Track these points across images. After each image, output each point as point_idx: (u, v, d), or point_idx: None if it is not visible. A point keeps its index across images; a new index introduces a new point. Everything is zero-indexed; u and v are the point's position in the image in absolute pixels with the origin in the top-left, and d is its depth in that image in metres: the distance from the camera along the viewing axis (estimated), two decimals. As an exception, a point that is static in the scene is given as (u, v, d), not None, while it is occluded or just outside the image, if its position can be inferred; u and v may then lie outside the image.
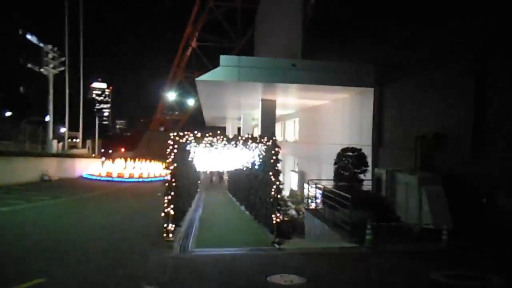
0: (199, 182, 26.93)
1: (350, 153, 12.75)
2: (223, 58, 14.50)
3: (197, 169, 17.43)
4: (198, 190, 25.45)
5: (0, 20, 73.08)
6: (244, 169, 14.43)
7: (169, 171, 9.14)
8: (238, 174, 17.32)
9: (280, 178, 9.63)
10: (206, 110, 26.36)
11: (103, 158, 41.39)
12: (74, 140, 44.68)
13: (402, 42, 13.92)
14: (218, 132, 9.31)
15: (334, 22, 19.64)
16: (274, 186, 9.31)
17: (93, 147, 45.53)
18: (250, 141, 9.41)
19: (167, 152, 9.09)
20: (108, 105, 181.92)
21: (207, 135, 9.25)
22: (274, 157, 9.38)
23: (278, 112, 21.41)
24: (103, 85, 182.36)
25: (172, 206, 8.97)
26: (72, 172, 34.02)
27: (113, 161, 40.77)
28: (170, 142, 9.08)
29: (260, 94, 18.16)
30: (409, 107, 13.50)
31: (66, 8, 40.79)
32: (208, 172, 29.79)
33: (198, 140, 9.23)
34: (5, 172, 24.45)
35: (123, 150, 68.97)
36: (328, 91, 17.07)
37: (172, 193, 9.07)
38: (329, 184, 13.15)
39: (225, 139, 9.28)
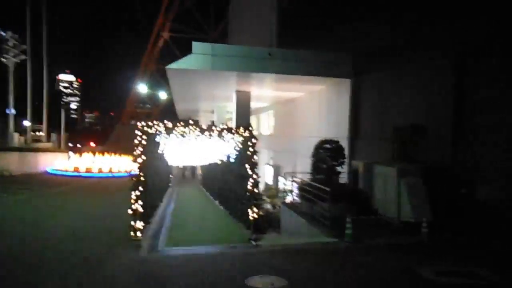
0: (171, 176, 26.03)
1: (328, 145, 12.41)
2: (196, 45, 13.75)
3: (169, 163, 16.64)
4: (170, 184, 24.59)
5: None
6: (219, 162, 13.81)
7: (137, 165, 8.40)
8: (212, 168, 16.67)
9: (257, 171, 9.10)
10: (178, 102, 25.39)
11: (70, 152, 39.38)
12: (38, 133, 42.31)
13: (381, 32, 13.69)
14: (191, 121, 8.63)
15: (310, 11, 19.24)
16: (251, 180, 8.78)
17: (59, 140, 43.28)
18: (225, 131, 8.81)
19: (135, 144, 8.35)
20: (77, 98, 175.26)
21: (178, 125, 8.56)
22: (251, 149, 8.84)
23: (253, 105, 20.86)
24: (71, 77, 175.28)
25: (140, 202, 8.26)
26: (36, 167, 32.13)
27: (80, 155, 38.91)
28: (137, 133, 8.35)
29: (234, 84, 17.53)
30: (387, 98, 13.32)
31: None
32: (180, 167, 28.71)
33: (168, 131, 8.53)
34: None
35: (92, 144, 66.32)
36: (304, 82, 16.69)
37: (141, 188, 8.34)
38: (306, 178, 12.81)
39: (198, 129, 8.63)
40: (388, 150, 12.48)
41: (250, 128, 8.95)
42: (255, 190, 8.82)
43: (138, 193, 8.26)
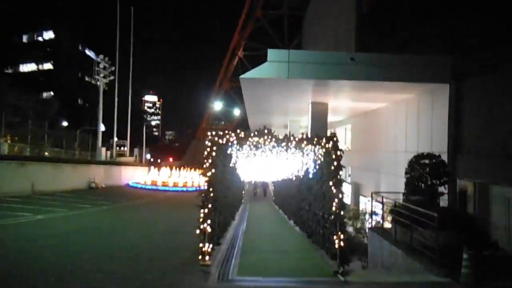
0: (243, 192, 25.38)
1: (426, 161, 10.40)
2: (271, 52, 12.87)
3: (241, 178, 15.82)
4: (243, 201, 23.88)
5: (61, 35, 77.93)
6: (294, 178, 12.53)
7: (206, 179, 7.51)
8: (287, 185, 15.41)
9: (343, 189, 7.63)
10: (251, 116, 24.85)
11: (150, 166, 41.42)
12: (122, 148, 45.46)
13: (485, 26, 11.40)
14: (265, 131, 7.54)
15: (393, 14, 17.29)
16: (336, 200, 7.32)
17: (140, 155, 45.97)
18: (304, 142, 7.53)
19: (204, 156, 7.48)
20: (159, 117, 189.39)
21: (252, 134, 7.52)
22: (335, 163, 7.41)
23: (329, 118, 19.32)
24: (154, 98, 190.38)
25: (209, 221, 7.31)
26: (119, 179, 34.13)
27: (159, 170, 40.66)
28: (207, 143, 7.47)
29: (310, 96, 16.26)
30: (502, 105, 10.88)
31: (118, 22, 41.77)
32: (252, 183, 27.92)
33: (241, 141, 7.53)
34: (52, 178, 24.64)
35: (171, 159, 69.86)
36: (391, 90, 14.74)
37: (210, 206, 7.41)
38: (397, 198, 10.89)
39: (273, 139, 7.49)
40: (504, 168, 10.04)
41: (335, 139, 7.55)
42: (341, 212, 7.33)
43: (206, 210, 7.31)
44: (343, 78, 13.16)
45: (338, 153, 7.48)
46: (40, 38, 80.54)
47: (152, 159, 52.25)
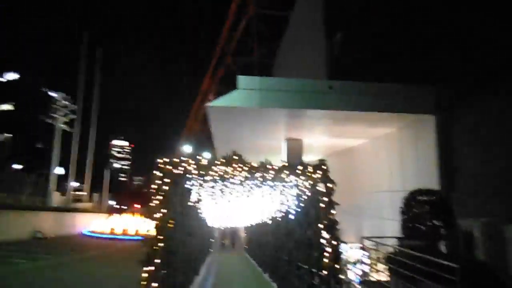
0: (211, 240, 22.78)
1: (425, 198, 8.87)
2: (241, 79, 11.43)
3: (208, 223, 13.62)
4: (211, 250, 21.31)
5: (25, 76, 74.94)
6: (270, 222, 10.63)
7: (155, 223, 5.51)
8: (261, 230, 13.37)
9: (337, 233, 5.84)
10: (220, 155, 23.01)
11: (109, 213, 37.88)
12: (80, 193, 41.76)
13: (474, 56, 10.62)
14: (234, 157, 5.77)
15: (368, 41, 16.61)
16: (328, 249, 5.48)
17: (101, 201, 42.29)
18: (285, 171, 5.79)
19: (152, 193, 5.56)
20: (128, 162, 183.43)
21: (217, 162, 5.72)
22: (325, 198, 5.68)
23: (304, 158, 17.82)
24: (124, 143, 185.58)
25: (155, 285, 5.20)
26: (72, 228, 30.50)
27: (120, 216, 37.16)
28: (156, 173, 5.57)
29: (284, 129, 14.79)
30: (500, 135, 9.78)
31: (83, 65, 39.99)
32: (220, 229, 24.81)
33: (203, 171, 5.68)
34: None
35: (138, 206, 65.58)
36: (370, 123, 13.56)
37: (157, 260, 5.34)
38: (388, 243, 9.21)
39: (245, 168, 5.70)
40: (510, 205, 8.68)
41: (324, 167, 5.87)
42: (336, 266, 5.47)
43: (153, 268, 5.22)
44: (320, 107, 11.86)
45: (330, 185, 5.76)
46: (1, 79, 76.95)
47: (117, 206, 48.41)
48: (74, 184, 41.02)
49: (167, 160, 5.65)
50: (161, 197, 5.50)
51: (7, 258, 15.50)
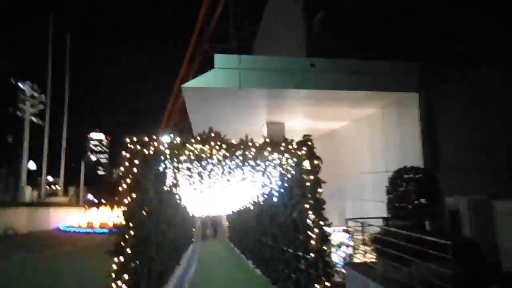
0: (193, 229, 22.22)
1: (411, 175, 8.58)
2: (218, 58, 10.76)
3: (188, 211, 13.03)
4: (193, 239, 20.76)
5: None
6: (252, 206, 10.18)
7: (123, 210, 4.92)
8: (243, 215, 12.92)
9: (324, 214, 5.42)
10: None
11: (86, 207, 36.64)
12: (54, 187, 40.16)
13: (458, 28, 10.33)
14: (212, 134, 5.21)
15: (350, 15, 16.09)
16: (316, 230, 5.05)
17: (77, 194, 40.85)
18: (268, 148, 5.29)
19: (119, 176, 4.96)
20: (106, 155, 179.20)
21: (192, 140, 5.14)
22: (311, 177, 5.22)
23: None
24: (101, 136, 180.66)
25: (126, 276, 4.64)
26: (47, 223, 29.23)
27: (97, 210, 36.01)
28: (124, 154, 4.96)
29: (264, 113, 14.25)
30: (488, 110, 9.59)
31: (50, 52, 37.92)
32: (201, 218, 23.80)
33: (176, 150, 5.10)
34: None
35: (116, 199, 63.92)
36: (352, 103, 13.23)
37: (128, 251, 4.77)
38: (372, 224, 8.93)
39: (224, 147, 5.16)
40: (495, 183, 8.54)
41: (309, 143, 5.40)
42: (324, 248, 5.06)
43: (122, 259, 4.66)
44: (302, 87, 11.37)
45: (316, 162, 5.30)
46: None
47: (95, 200, 46.95)
48: (49, 178, 39.41)
49: (136, 139, 5.04)
50: (129, 181, 4.90)
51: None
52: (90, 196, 49.07)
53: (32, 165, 39.49)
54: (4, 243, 20.44)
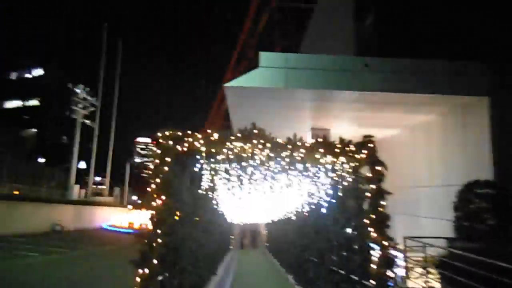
0: (231, 237, 21.61)
1: (485, 191, 7.33)
2: (264, 56, 10.16)
3: (226, 217, 12.38)
4: (231, 247, 20.15)
5: (50, 72, 76.48)
6: (293, 216, 9.30)
7: (151, 214, 4.31)
8: (284, 224, 12.05)
9: (388, 232, 4.48)
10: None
11: (129, 207, 37.50)
12: (100, 187, 41.68)
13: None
14: (254, 131, 4.49)
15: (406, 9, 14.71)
16: (380, 251, 4.12)
17: (122, 195, 42.07)
18: (321, 149, 4.46)
19: (148, 176, 4.37)
20: (151, 158, 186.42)
21: (231, 137, 4.45)
22: (374, 185, 4.31)
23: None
24: (147, 140, 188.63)
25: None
26: (91, 222, 30.13)
27: (140, 211, 36.67)
28: (155, 150, 4.37)
29: (309, 117, 13.35)
30: None
31: (103, 60, 39.47)
32: (239, 226, 22.92)
33: (214, 147, 4.43)
34: (7, 219, 20.78)
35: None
36: (409, 108, 11.99)
37: (155, 261, 4.13)
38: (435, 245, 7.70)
39: (268, 145, 4.41)
40: None
41: (371, 145, 4.50)
42: (388, 274, 4.11)
43: (147, 271, 4.02)
44: (352, 88, 10.37)
45: (379, 168, 4.39)
46: (28, 75, 78.88)
47: (138, 201, 48.23)
48: (97, 178, 40.99)
49: (168, 133, 4.43)
50: (159, 181, 4.28)
51: (19, 252, 14.92)
52: (134, 197, 50.43)
53: (82, 165, 41.26)
54: (50, 239, 21.09)
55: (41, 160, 47.13)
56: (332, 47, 21.13)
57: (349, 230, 5.04)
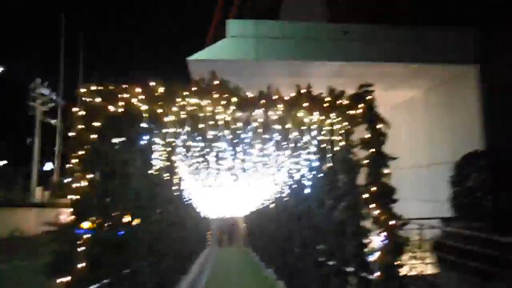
0: (208, 232, 20.43)
1: (484, 161, 6.48)
2: (232, 24, 9.00)
3: (198, 209, 11.15)
4: (208, 244, 18.99)
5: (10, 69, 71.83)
6: (272, 202, 8.23)
7: (71, 198, 3.09)
8: (262, 214, 10.98)
9: (394, 207, 3.43)
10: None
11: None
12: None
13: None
14: (215, 82, 3.31)
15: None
16: (383, 232, 3.06)
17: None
18: (305, 104, 3.34)
19: (68, 146, 3.11)
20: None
21: (185, 93, 3.25)
22: (373, 148, 3.24)
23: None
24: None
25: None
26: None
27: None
28: (75, 111, 3.11)
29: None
30: None
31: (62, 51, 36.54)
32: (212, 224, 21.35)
33: (159, 106, 3.21)
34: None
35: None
36: (392, 83, 11.13)
37: (82, 265, 2.91)
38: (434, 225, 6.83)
39: (235, 100, 3.25)
40: None
41: (368, 97, 3.42)
42: (396, 263, 3.07)
43: (69, 278, 2.81)
44: (330, 58, 9.35)
45: (380, 126, 3.34)
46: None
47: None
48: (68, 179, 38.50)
49: (95, 87, 3.19)
50: (83, 153, 3.06)
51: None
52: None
53: (48, 166, 38.68)
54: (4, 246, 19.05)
55: (1, 162, 43.95)
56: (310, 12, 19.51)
57: (340, 210, 3.97)
